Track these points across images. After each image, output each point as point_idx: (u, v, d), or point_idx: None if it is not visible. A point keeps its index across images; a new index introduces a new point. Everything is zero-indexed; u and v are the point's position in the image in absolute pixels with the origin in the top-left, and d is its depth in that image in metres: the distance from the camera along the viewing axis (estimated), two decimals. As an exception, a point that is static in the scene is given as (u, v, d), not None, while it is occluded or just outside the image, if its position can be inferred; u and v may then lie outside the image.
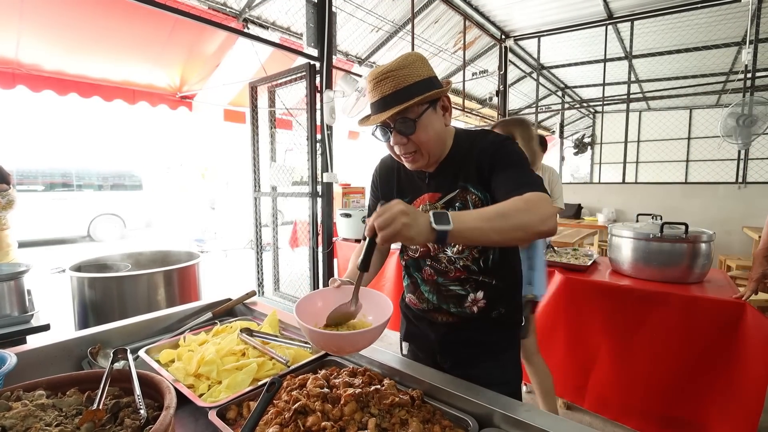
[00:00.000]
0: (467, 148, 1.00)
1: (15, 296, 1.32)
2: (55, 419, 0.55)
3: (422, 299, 1.10)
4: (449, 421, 0.70)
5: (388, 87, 0.91)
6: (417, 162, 0.99)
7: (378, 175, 1.19)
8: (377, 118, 0.93)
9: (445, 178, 1.02)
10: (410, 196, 1.08)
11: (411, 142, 0.94)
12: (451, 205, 1.01)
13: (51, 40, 3.53)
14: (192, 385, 0.83)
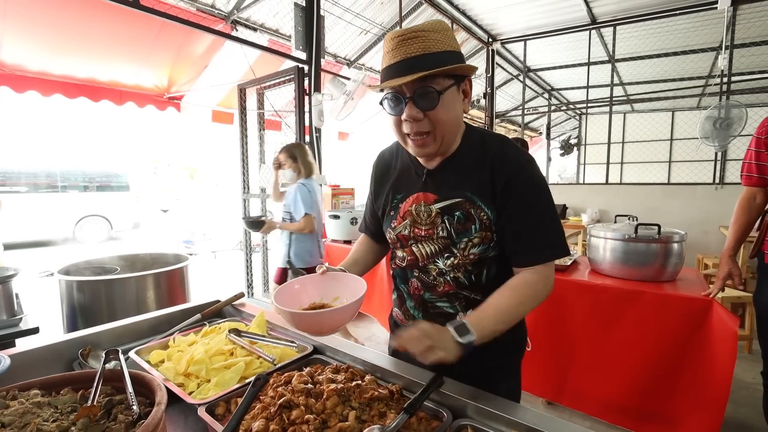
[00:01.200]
0: (479, 153, 0.88)
1: (3, 300, 1.33)
2: (51, 416, 0.58)
3: (408, 315, 1.01)
4: (425, 414, 0.74)
5: (416, 48, 0.76)
6: (426, 147, 0.84)
7: (375, 171, 1.08)
8: (396, 81, 0.76)
9: (447, 179, 0.89)
10: (403, 192, 0.97)
11: (427, 119, 0.80)
12: (449, 212, 0.89)
13: (35, 40, 3.49)
14: (182, 384, 0.86)
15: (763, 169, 1.59)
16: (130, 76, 4.25)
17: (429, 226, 0.91)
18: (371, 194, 1.09)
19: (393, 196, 0.99)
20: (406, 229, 0.95)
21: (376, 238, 1.13)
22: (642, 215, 4.67)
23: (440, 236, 0.90)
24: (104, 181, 9.39)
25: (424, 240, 0.93)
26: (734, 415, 2.10)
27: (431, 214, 0.91)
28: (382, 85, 0.80)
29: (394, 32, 0.79)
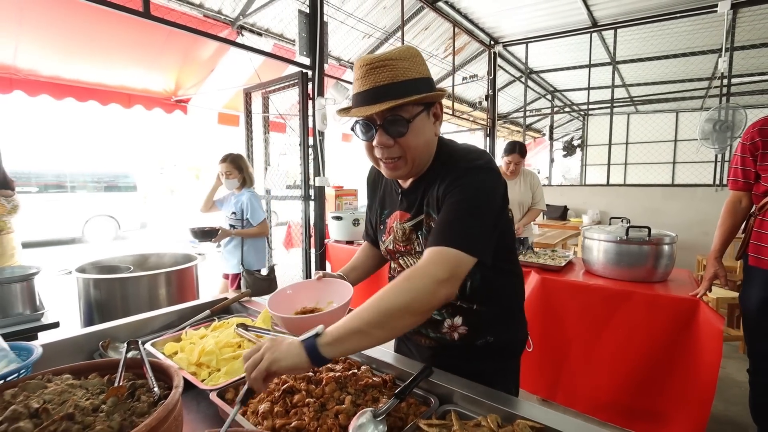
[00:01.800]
0: (437, 170, 0.89)
1: (26, 296, 1.43)
2: (84, 395, 0.66)
3: None
4: (415, 400, 0.82)
5: (385, 77, 0.77)
6: (398, 170, 0.86)
7: (368, 183, 1.12)
8: (366, 110, 0.78)
9: (415, 198, 0.93)
10: (388, 209, 1.02)
11: (398, 145, 0.82)
12: (419, 228, 0.93)
13: (48, 45, 3.61)
14: (194, 373, 0.94)
15: (748, 174, 1.65)
16: (139, 79, 4.35)
17: (406, 242, 0.97)
18: (368, 201, 1.15)
19: (381, 211, 1.06)
20: (391, 244, 1.01)
21: (377, 245, 1.14)
22: (642, 217, 4.75)
23: (417, 251, 0.96)
24: (112, 182, 9.56)
25: (406, 254, 0.99)
26: (725, 412, 2.16)
27: (406, 232, 0.96)
28: (352, 114, 0.81)
29: (363, 59, 0.80)
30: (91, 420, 0.60)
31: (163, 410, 0.63)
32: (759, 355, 1.69)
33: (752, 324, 1.68)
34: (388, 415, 0.73)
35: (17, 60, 3.54)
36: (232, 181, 2.69)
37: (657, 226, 2.37)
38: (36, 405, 0.61)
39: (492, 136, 6.08)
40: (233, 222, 2.73)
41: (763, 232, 1.61)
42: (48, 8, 3.14)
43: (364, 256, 1.17)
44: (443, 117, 0.91)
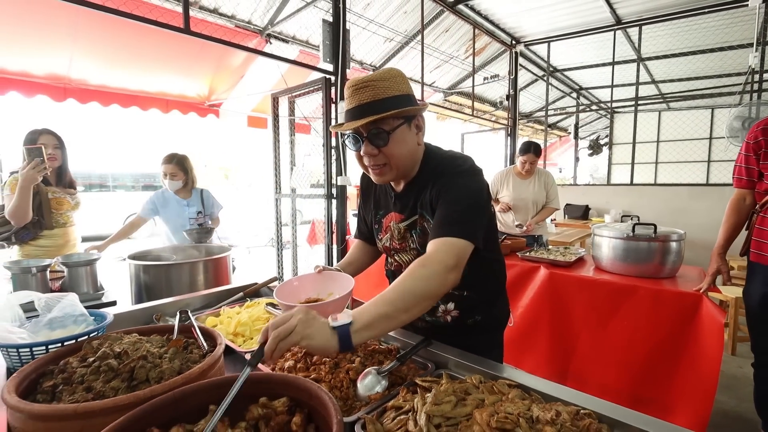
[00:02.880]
0: (428, 175, 1.01)
1: (90, 278, 1.67)
2: (151, 346, 0.85)
3: None
4: (414, 365, 0.96)
5: (367, 96, 0.90)
6: (384, 175, 0.98)
7: (361, 186, 1.23)
8: (351, 124, 0.91)
9: (408, 200, 1.04)
10: (383, 210, 1.13)
11: (382, 154, 0.94)
12: (413, 228, 1.04)
13: (97, 57, 3.96)
14: (231, 341, 1.12)
15: (752, 173, 1.68)
16: (176, 86, 4.69)
17: (401, 240, 1.09)
18: (361, 204, 1.25)
19: (376, 212, 1.17)
20: (388, 241, 1.14)
21: (370, 242, 1.27)
22: (667, 217, 4.67)
23: (412, 248, 1.08)
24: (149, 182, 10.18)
25: (401, 251, 1.12)
26: (736, 409, 2.17)
27: (401, 231, 1.08)
28: (343, 128, 0.93)
29: (350, 81, 0.94)
30: (159, 362, 0.78)
31: (210, 359, 0.81)
32: (762, 350, 1.73)
33: (755, 319, 1.71)
34: (390, 374, 0.88)
35: (71, 71, 3.92)
36: (176, 183, 2.61)
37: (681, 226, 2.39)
38: (118, 349, 0.80)
39: (513, 136, 6.09)
40: (201, 220, 2.72)
41: (764, 229, 1.64)
42: (98, 23, 3.46)
43: (358, 252, 1.28)
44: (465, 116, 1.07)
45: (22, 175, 1.79)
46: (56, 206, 2.08)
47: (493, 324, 1.16)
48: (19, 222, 1.89)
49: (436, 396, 0.71)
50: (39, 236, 2.02)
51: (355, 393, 0.84)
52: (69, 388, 0.73)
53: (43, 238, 2.04)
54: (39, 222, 1.98)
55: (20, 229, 1.94)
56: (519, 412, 0.63)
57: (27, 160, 1.80)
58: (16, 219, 1.88)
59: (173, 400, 0.68)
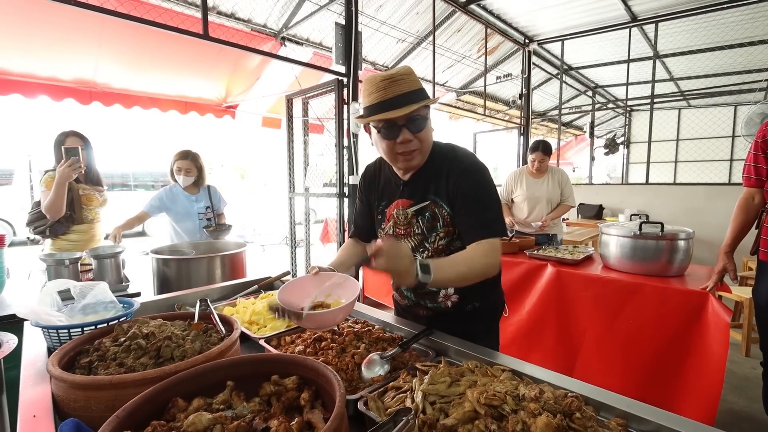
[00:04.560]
0: (439, 164, 1.10)
1: (115, 270, 1.78)
2: (176, 329, 0.93)
3: (403, 296, 1.26)
4: (416, 352, 1.02)
5: (405, 87, 0.98)
6: (414, 160, 1.06)
7: (363, 182, 1.30)
8: (396, 112, 0.97)
9: (418, 187, 1.13)
10: (387, 200, 1.21)
11: (416, 140, 1.03)
12: (421, 213, 1.12)
13: (121, 62, 4.13)
14: (247, 329, 1.20)
15: (760, 171, 1.69)
16: (194, 89, 4.84)
17: (406, 226, 1.16)
18: (362, 200, 1.31)
19: (378, 203, 1.24)
20: (391, 229, 1.20)
21: (365, 239, 1.32)
22: (683, 216, 4.60)
23: (416, 233, 1.15)
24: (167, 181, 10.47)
25: (404, 237, 1.17)
26: (747, 409, 2.15)
27: (407, 216, 1.15)
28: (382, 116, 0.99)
29: (378, 76, 1.01)
30: (182, 342, 0.87)
31: (228, 341, 0.89)
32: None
33: (764, 318, 1.71)
34: (392, 360, 0.95)
35: (96, 75, 4.10)
36: (190, 179, 2.68)
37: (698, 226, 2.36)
38: (146, 331, 0.88)
39: (526, 135, 6.07)
40: (209, 216, 2.79)
41: None
42: (122, 31, 3.62)
43: (350, 252, 1.30)
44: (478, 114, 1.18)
45: (59, 172, 1.93)
46: (86, 202, 2.24)
47: (490, 311, 1.24)
48: (54, 216, 2.04)
49: (433, 377, 0.77)
50: (70, 231, 2.17)
51: (359, 375, 0.90)
52: (103, 364, 0.82)
53: (73, 233, 2.18)
54: (71, 217, 2.14)
55: (55, 223, 2.09)
56: (506, 390, 0.68)
57: (64, 159, 1.94)
58: (51, 213, 2.02)
59: (195, 375, 0.76)
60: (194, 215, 2.73)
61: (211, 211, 2.82)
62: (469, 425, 0.64)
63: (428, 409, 0.70)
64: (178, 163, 2.69)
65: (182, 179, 2.68)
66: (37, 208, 2.12)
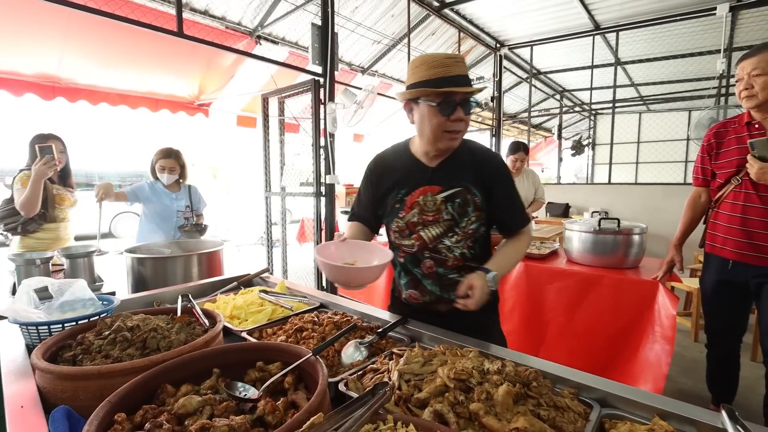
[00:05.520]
0: (467, 154, 1.17)
1: (87, 269, 1.76)
2: (160, 321, 0.96)
3: (425, 292, 1.22)
4: (393, 340, 1.09)
5: (464, 70, 1.07)
6: (456, 141, 1.12)
7: (374, 170, 1.27)
8: (466, 89, 1.04)
9: (448, 175, 1.16)
10: (408, 187, 1.19)
11: (464, 121, 1.09)
12: (451, 200, 1.15)
13: (88, 57, 3.99)
14: (228, 323, 1.23)
15: (706, 172, 1.86)
16: (166, 86, 4.73)
17: (435, 212, 1.16)
18: (369, 190, 1.28)
19: (397, 192, 1.20)
20: (414, 217, 1.18)
21: (368, 225, 1.33)
22: (642, 214, 4.90)
23: (445, 219, 1.16)
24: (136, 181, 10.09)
25: (431, 224, 1.17)
26: (693, 388, 2.36)
27: (437, 203, 1.16)
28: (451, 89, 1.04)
29: (438, 54, 1.07)
30: (167, 333, 0.90)
31: (213, 332, 0.93)
32: (713, 331, 1.91)
33: (708, 304, 1.89)
34: (370, 347, 1.01)
35: (60, 70, 3.94)
36: (174, 176, 2.69)
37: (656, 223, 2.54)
38: (130, 324, 0.91)
39: (498, 136, 6.27)
40: (188, 215, 2.79)
41: (717, 223, 1.82)
42: (89, 24, 3.50)
43: (359, 232, 1.31)
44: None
45: (35, 170, 1.98)
46: (59, 202, 2.27)
47: (496, 300, 1.32)
48: (29, 212, 2.08)
49: (407, 358, 0.84)
50: (40, 229, 2.19)
51: (339, 361, 0.96)
52: (88, 356, 0.84)
53: (42, 231, 2.20)
54: (44, 214, 2.17)
55: (27, 220, 2.13)
56: (473, 366, 0.76)
57: (39, 157, 1.99)
58: (26, 209, 2.06)
59: (182, 363, 0.80)
60: (173, 213, 2.71)
61: (190, 211, 2.81)
62: (440, 398, 0.72)
63: (404, 386, 0.77)
64: (162, 162, 2.67)
65: (166, 177, 2.67)
66: (6, 205, 2.15)
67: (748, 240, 1.68)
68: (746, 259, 1.69)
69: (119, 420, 0.62)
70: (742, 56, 1.67)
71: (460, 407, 0.69)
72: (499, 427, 0.63)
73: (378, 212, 1.28)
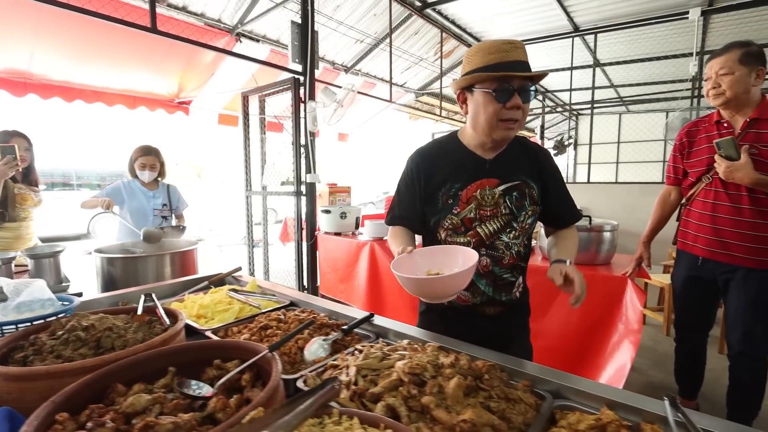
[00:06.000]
0: (520, 149, 1.16)
1: (54, 269, 1.71)
2: (118, 321, 0.94)
3: (477, 293, 1.14)
4: (359, 336, 1.09)
5: (523, 56, 1.01)
6: (513, 131, 1.06)
7: (420, 165, 1.17)
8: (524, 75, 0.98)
9: (505, 168, 1.12)
10: (463, 181, 1.12)
11: (521, 110, 1.02)
12: (509, 193, 1.11)
13: (60, 53, 3.88)
14: (194, 322, 1.22)
15: (678, 171, 1.92)
16: (143, 83, 4.63)
17: (493, 206, 1.11)
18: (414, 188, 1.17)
19: (450, 186, 1.13)
20: (471, 212, 1.11)
21: (412, 227, 1.23)
22: (620, 212, 5.01)
23: (503, 213, 1.11)
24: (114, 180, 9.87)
25: (489, 219, 1.11)
26: (664, 381, 2.43)
27: (495, 196, 1.11)
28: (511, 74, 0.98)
29: (497, 40, 1.01)
30: (124, 333, 0.88)
31: (172, 330, 0.91)
32: (682, 326, 1.97)
33: (678, 299, 1.95)
34: (335, 344, 1.01)
35: (31, 66, 3.82)
36: (153, 174, 2.69)
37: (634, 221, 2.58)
38: (85, 323, 0.89)
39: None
40: (165, 213, 2.77)
41: (689, 221, 1.88)
42: (62, 19, 3.41)
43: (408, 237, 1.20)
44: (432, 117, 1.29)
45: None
46: (20, 201, 2.22)
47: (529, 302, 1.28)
48: None
49: (366, 354, 0.85)
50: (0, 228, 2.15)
51: (302, 359, 0.96)
52: (39, 357, 0.82)
53: (2, 230, 2.17)
54: (2, 214, 2.14)
55: None
56: (428, 360, 0.77)
57: (0, 157, 1.93)
58: None
59: (136, 362, 0.78)
60: (149, 211, 2.69)
61: (168, 210, 2.79)
62: (394, 392, 0.72)
63: (360, 381, 0.77)
64: (142, 159, 2.66)
65: (147, 175, 2.67)
66: None
67: (717, 238, 1.73)
68: (715, 256, 1.74)
69: (61, 420, 0.60)
70: (710, 56, 1.72)
71: (413, 401, 0.70)
72: (448, 419, 0.64)
73: (425, 210, 1.18)
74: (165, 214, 2.77)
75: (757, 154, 1.59)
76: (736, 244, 1.67)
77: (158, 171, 2.74)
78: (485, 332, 1.11)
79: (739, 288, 1.68)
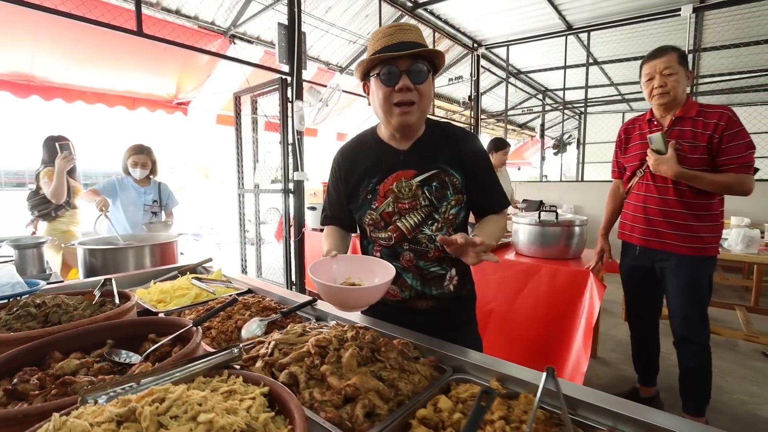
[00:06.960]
0: (440, 134, 1.10)
1: (36, 260, 1.82)
2: (69, 300, 1.03)
3: (405, 287, 1.11)
4: (300, 319, 1.17)
5: (411, 37, 0.98)
6: (410, 115, 1.00)
7: (341, 163, 1.16)
8: (398, 54, 0.94)
9: (421, 157, 1.07)
10: (380, 175, 1.09)
11: (416, 91, 0.98)
12: (428, 183, 1.05)
13: (60, 55, 4.03)
14: (153, 306, 1.31)
15: (619, 165, 1.98)
16: (143, 84, 4.77)
17: (411, 198, 1.06)
18: (339, 186, 1.17)
19: (368, 182, 1.11)
20: (389, 206, 1.08)
21: (345, 226, 1.23)
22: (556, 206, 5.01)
23: (423, 205, 1.06)
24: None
25: (408, 212, 1.07)
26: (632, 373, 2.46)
27: (412, 188, 1.06)
28: (384, 55, 0.96)
29: (389, 26, 1.01)
30: (72, 309, 0.97)
31: (117, 309, 1.00)
32: (632, 313, 2.02)
33: (624, 287, 2.01)
34: (273, 324, 1.09)
35: (34, 68, 3.98)
36: (145, 171, 2.79)
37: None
38: (38, 301, 0.98)
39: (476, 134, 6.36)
40: (155, 209, 2.88)
41: (626, 212, 1.95)
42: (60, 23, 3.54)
43: (338, 237, 1.20)
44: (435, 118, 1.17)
45: (58, 164, 2.49)
46: (76, 192, 2.80)
47: (473, 299, 1.23)
48: (59, 200, 2.66)
49: (287, 330, 0.92)
50: (65, 214, 2.77)
51: (239, 337, 1.04)
52: (-7, 330, 0.91)
53: (66, 216, 2.80)
54: (69, 202, 2.74)
55: (57, 206, 2.74)
56: (335, 334, 0.84)
57: (60, 153, 2.50)
58: (56, 197, 2.63)
59: (77, 335, 0.87)
60: (141, 206, 2.85)
61: (158, 206, 2.92)
62: (300, 362, 0.79)
63: (276, 354, 0.85)
64: (134, 158, 2.80)
65: (139, 172, 2.81)
66: (35, 196, 2.75)
67: (649, 227, 1.83)
68: (650, 244, 1.83)
69: (-7, 378, 0.69)
70: (648, 57, 1.78)
71: (315, 370, 0.77)
72: (337, 384, 0.71)
73: (350, 207, 1.17)
74: (155, 210, 2.90)
75: (680, 149, 1.70)
76: (666, 233, 1.77)
77: (150, 168, 2.86)
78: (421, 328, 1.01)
79: (674, 275, 1.77)
